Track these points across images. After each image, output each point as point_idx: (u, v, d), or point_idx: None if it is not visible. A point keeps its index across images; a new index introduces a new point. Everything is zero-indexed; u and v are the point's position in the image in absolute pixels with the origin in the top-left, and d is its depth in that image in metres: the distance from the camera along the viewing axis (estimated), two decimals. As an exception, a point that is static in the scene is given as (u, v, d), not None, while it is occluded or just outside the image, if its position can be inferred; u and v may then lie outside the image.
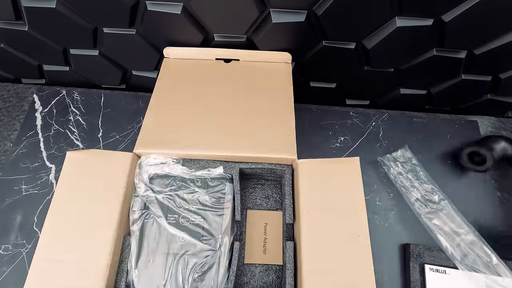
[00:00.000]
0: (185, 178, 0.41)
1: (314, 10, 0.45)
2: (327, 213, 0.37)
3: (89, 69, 0.60)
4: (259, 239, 0.43)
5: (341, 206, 0.37)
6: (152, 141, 0.41)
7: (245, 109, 0.44)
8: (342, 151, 0.54)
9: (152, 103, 0.45)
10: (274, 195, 0.46)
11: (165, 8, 0.46)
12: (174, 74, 0.49)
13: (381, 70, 0.54)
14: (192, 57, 0.51)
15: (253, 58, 0.50)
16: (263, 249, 0.42)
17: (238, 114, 0.44)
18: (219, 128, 0.42)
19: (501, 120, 0.58)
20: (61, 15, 0.47)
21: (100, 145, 0.54)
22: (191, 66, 0.50)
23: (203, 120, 0.43)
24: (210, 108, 0.45)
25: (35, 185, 0.50)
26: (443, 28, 0.45)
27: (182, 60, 0.51)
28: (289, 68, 0.50)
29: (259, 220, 0.44)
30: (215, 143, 0.41)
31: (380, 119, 0.57)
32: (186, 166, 0.41)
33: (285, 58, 0.50)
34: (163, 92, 0.46)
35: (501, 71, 0.52)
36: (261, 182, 0.47)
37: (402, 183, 0.50)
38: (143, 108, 0.58)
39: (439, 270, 0.42)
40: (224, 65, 0.50)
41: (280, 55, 0.50)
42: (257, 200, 0.46)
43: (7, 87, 0.61)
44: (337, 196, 0.38)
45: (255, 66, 0.50)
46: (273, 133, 0.42)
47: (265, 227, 0.43)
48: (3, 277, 0.44)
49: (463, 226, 0.45)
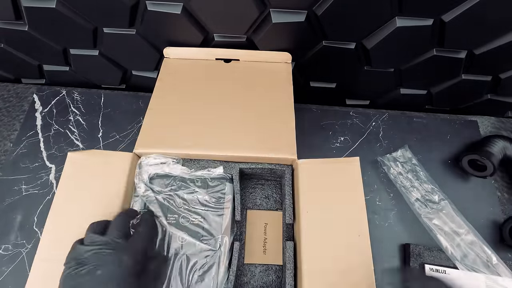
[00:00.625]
0: (185, 178, 0.41)
1: (314, 10, 0.45)
2: (327, 213, 0.37)
3: (89, 69, 0.60)
4: (259, 239, 0.43)
5: (341, 206, 0.38)
6: (152, 141, 0.41)
7: (245, 109, 0.44)
8: (342, 151, 0.54)
9: (152, 103, 0.45)
10: (274, 195, 0.46)
11: (165, 8, 0.46)
12: (174, 74, 0.49)
13: (381, 70, 0.54)
14: (192, 57, 0.51)
15: (253, 58, 0.50)
16: (263, 249, 0.42)
17: (238, 114, 0.44)
18: (219, 128, 0.42)
19: (501, 120, 0.58)
20: (61, 15, 0.47)
21: (100, 145, 0.54)
22: (191, 66, 0.50)
23: (203, 120, 0.43)
24: (210, 108, 0.44)
25: (35, 185, 0.50)
26: (443, 28, 0.45)
27: (182, 60, 0.51)
28: (289, 68, 0.50)
29: (259, 220, 0.44)
30: (215, 143, 0.41)
31: (380, 119, 0.57)
32: (186, 166, 0.41)
33: (285, 58, 0.50)
34: (163, 92, 0.46)
35: (501, 71, 0.52)
36: (261, 182, 0.47)
37: (402, 183, 0.50)
38: (143, 108, 0.58)
39: (439, 270, 0.42)
40: (224, 65, 0.50)
41: (280, 55, 0.50)
42: (257, 200, 0.46)
43: (7, 87, 0.61)
44: (337, 196, 0.38)
45: (255, 66, 0.50)
46: (273, 133, 0.42)
47: (265, 227, 0.43)
48: (3, 277, 0.44)
49: (463, 226, 0.45)
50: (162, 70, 0.49)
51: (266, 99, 0.45)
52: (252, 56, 0.50)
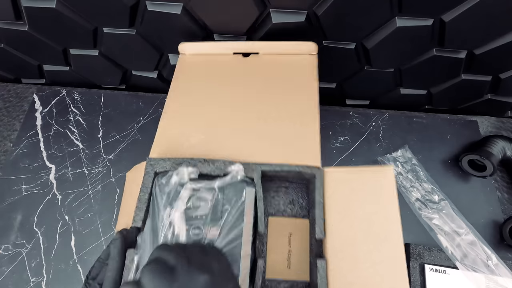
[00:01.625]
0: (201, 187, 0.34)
1: (314, 10, 0.45)
2: (357, 230, 0.33)
3: (89, 69, 0.60)
4: (282, 251, 0.37)
5: (374, 224, 0.33)
6: (166, 147, 0.38)
7: (265, 111, 0.40)
8: (342, 151, 0.54)
9: (168, 105, 0.42)
10: (300, 200, 0.40)
11: (165, 8, 0.46)
12: (189, 72, 0.45)
13: (381, 70, 0.54)
14: (209, 51, 0.47)
15: (274, 50, 0.45)
16: (287, 263, 0.36)
17: (257, 117, 0.40)
18: (236, 133, 0.39)
19: (501, 120, 0.58)
20: (61, 15, 0.47)
21: (100, 145, 0.54)
22: (207, 63, 0.46)
23: (220, 124, 0.40)
24: (227, 110, 0.41)
25: (35, 185, 0.50)
26: (443, 28, 0.45)
27: (198, 56, 0.47)
28: (315, 60, 0.44)
29: (282, 229, 0.38)
30: (231, 149, 0.37)
31: (380, 119, 0.57)
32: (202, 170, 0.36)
33: (310, 49, 0.45)
34: (178, 93, 0.43)
35: (501, 71, 0.52)
36: (284, 185, 0.40)
37: (402, 183, 0.50)
38: (143, 108, 0.58)
39: (439, 270, 0.42)
40: (243, 60, 0.46)
41: (304, 46, 0.45)
42: (281, 205, 0.39)
43: (7, 87, 0.61)
44: (369, 211, 0.34)
45: (276, 60, 0.45)
46: (295, 137, 0.38)
47: (290, 237, 0.38)
48: (3, 277, 0.44)
49: (463, 226, 0.45)
50: (178, 68, 0.46)
51: (289, 98, 0.41)
52: (273, 48, 0.45)
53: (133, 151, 0.53)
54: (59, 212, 0.49)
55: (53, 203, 0.49)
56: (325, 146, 0.54)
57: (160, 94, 0.60)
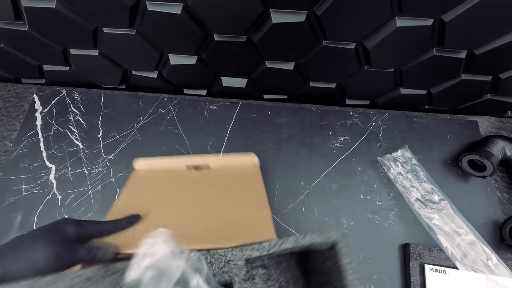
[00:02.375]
0: None
1: (314, 10, 0.45)
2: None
3: (89, 69, 0.60)
4: None
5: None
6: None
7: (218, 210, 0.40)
8: (342, 151, 0.54)
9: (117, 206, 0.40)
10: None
11: (165, 8, 0.46)
12: (143, 184, 0.46)
13: (381, 70, 0.54)
14: (162, 166, 0.48)
15: (221, 164, 0.49)
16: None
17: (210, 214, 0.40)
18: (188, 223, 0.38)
19: (501, 120, 0.58)
20: (61, 15, 0.47)
21: (100, 145, 0.54)
22: (161, 176, 0.47)
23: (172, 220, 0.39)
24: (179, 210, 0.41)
25: (35, 185, 0.50)
26: (443, 28, 0.45)
27: (152, 172, 0.48)
28: (258, 170, 0.48)
29: None
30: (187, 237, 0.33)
31: (380, 119, 0.57)
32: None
33: (253, 161, 0.48)
34: (130, 197, 0.43)
35: (501, 71, 0.52)
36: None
37: (402, 183, 0.50)
38: (143, 108, 0.58)
39: (439, 270, 0.42)
40: (194, 173, 0.48)
41: (247, 158, 0.49)
42: None
43: (7, 87, 0.61)
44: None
45: (225, 172, 0.47)
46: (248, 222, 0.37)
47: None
48: (3, 277, 0.44)
49: (463, 226, 0.45)
50: (131, 180, 0.46)
51: (239, 199, 0.42)
52: (220, 161, 0.49)
53: (133, 151, 0.53)
54: (59, 212, 0.49)
55: (53, 203, 0.49)
56: (325, 146, 0.55)
57: (160, 94, 0.60)
